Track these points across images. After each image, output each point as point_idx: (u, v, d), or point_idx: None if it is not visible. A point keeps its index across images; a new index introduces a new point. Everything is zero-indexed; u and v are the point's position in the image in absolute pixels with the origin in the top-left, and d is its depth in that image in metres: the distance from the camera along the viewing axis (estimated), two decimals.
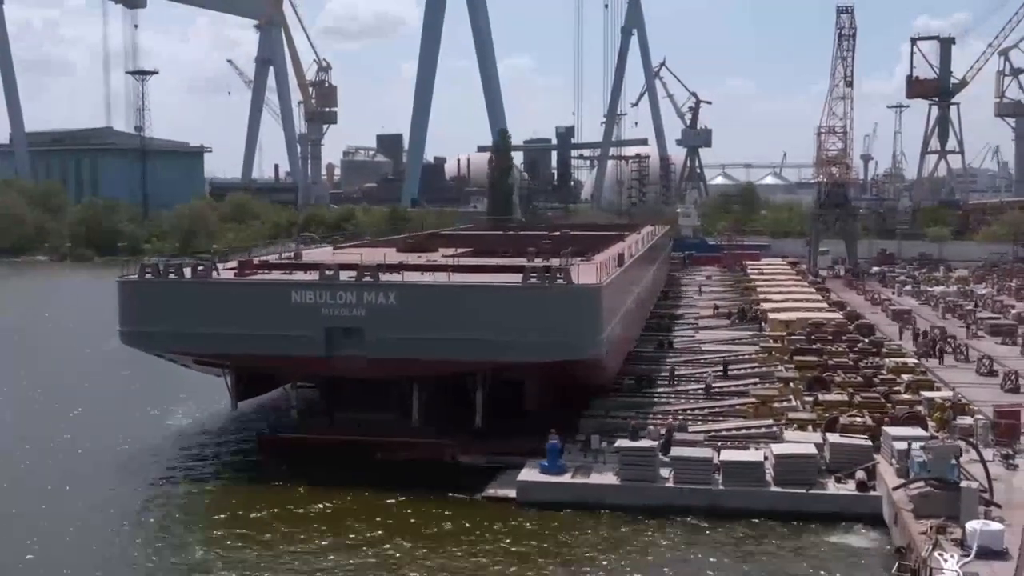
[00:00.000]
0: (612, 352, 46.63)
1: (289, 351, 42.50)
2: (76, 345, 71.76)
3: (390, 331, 41.49)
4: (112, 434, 47.46)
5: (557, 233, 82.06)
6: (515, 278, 43.02)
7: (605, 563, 31.57)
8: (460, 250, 64.87)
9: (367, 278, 42.79)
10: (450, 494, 37.63)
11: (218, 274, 46.76)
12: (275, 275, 49.11)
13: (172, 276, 45.02)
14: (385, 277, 43.45)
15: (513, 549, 32.81)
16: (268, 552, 32.51)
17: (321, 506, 36.82)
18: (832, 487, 35.87)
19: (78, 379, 60.87)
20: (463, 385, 42.91)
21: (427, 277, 45.65)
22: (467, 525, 34.88)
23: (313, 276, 44.54)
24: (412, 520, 35.43)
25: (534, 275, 42.48)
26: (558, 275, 42.31)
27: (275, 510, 36.45)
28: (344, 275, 43.61)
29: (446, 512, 36.03)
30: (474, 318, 41.41)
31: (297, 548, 32.75)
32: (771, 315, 68.96)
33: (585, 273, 45.14)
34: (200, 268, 46.38)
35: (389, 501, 37.22)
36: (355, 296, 42.17)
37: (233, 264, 50.81)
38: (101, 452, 44.67)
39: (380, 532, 34.29)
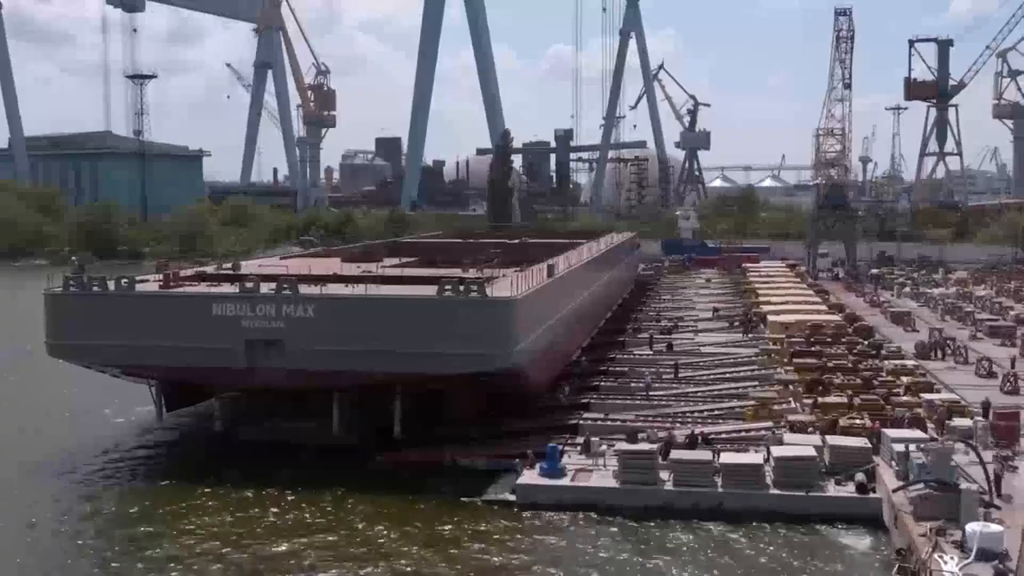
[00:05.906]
0: (536, 363, 46.43)
1: (211, 363, 42.71)
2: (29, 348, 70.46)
3: (309, 343, 41.73)
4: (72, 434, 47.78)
5: (516, 241, 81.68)
6: (434, 290, 43.06)
7: (605, 566, 31.52)
8: (404, 260, 64.40)
9: (286, 290, 42.90)
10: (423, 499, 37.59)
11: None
12: (202, 287, 48.69)
13: (96, 289, 44.95)
14: (307, 289, 43.61)
15: (513, 552, 32.76)
16: (271, 557, 32.50)
17: (321, 513, 36.71)
18: (832, 489, 35.88)
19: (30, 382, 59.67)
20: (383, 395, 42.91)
21: (347, 289, 45.55)
22: (467, 528, 34.85)
23: (236, 288, 44.67)
24: (412, 523, 35.36)
25: (448, 287, 42.54)
26: (472, 288, 42.36)
27: (274, 515, 36.41)
28: (266, 287, 43.69)
29: (445, 516, 35.97)
30: (390, 330, 41.60)
31: (298, 552, 32.72)
32: (770, 318, 69.00)
33: (508, 285, 45.06)
34: (124, 281, 46.19)
35: (389, 505, 37.14)
36: (274, 308, 42.40)
37: (159, 276, 50.36)
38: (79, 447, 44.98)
39: (380, 537, 34.25)
